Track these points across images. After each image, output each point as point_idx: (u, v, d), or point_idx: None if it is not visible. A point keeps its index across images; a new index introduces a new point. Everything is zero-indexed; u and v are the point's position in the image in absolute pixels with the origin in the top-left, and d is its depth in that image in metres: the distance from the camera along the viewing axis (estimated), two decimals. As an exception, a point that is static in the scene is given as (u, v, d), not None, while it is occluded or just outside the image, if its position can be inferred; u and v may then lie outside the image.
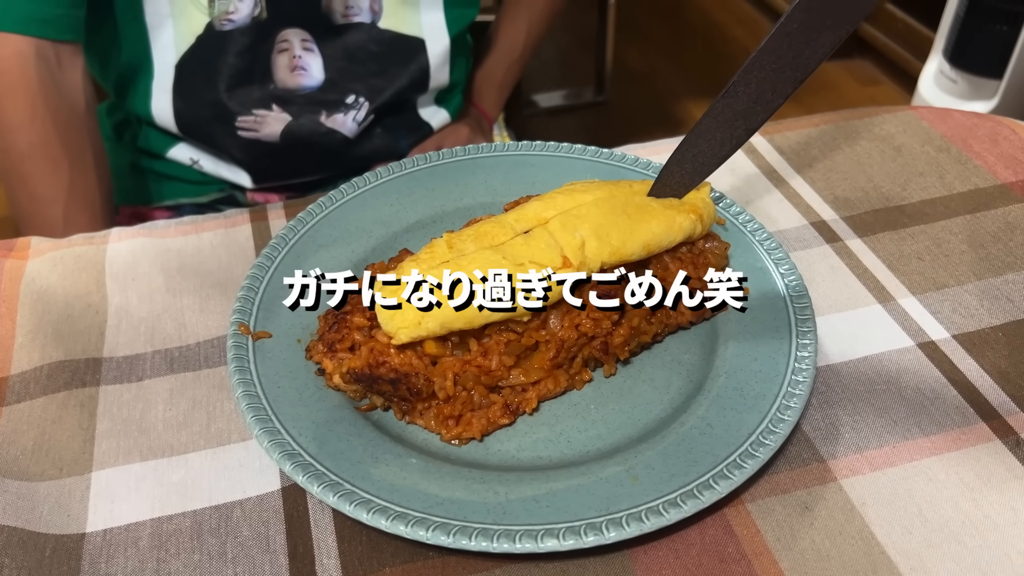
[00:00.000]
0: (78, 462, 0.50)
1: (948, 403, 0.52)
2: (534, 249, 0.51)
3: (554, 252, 0.51)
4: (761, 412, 0.48)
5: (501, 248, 0.51)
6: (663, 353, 0.55)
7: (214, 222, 0.67)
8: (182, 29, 0.89)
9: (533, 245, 0.51)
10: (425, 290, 0.48)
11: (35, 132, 0.80)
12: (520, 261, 0.50)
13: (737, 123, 0.53)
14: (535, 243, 0.51)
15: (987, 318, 0.58)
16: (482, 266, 0.49)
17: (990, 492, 0.47)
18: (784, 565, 0.44)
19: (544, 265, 0.50)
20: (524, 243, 0.51)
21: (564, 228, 0.52)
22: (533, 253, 0.51)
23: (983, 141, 0.73)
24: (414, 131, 1.02)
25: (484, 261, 0.50)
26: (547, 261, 0.50)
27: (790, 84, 0.51)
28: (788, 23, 0.49)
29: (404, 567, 0.45)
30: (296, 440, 0.47)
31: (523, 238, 0.52)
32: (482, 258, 0.50)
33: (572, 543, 0.42)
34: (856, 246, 0.64)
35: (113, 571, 0.45)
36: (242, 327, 0.53)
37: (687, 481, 0.45)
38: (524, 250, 0.51)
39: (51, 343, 0.57)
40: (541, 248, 0.51)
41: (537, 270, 0.50)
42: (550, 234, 0.52)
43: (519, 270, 0.50)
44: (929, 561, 0.44)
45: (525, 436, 0.50)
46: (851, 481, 0.48)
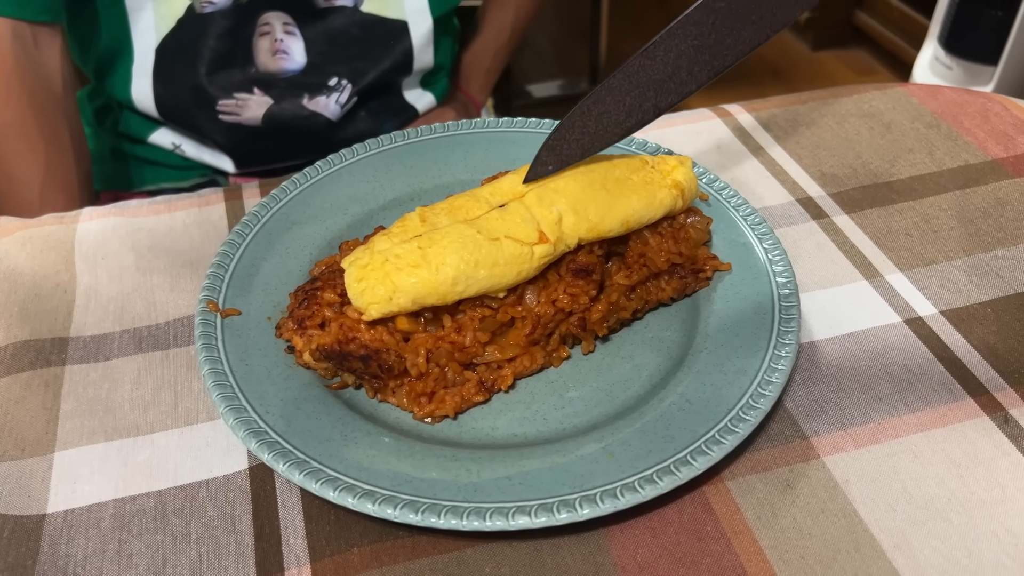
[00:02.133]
0: (41, 442, 0.49)
1: (935, 379, 0.51)
2: (509, 224, 0.50)
3: (530, 227, 0.49)
4: (742, 387, 0.47)
5: (476, 222, 0.50)
6: (643, 330, 0.54)
7: (187, 201, 0.66)
8: (162, 12, 0.87)
9: (508, 220, 0.50)
10: (396, 263, 0.47)
11: (10, 112, 0.78)
12: (495, 236, 0.49)
13: (648, 94, 0.51)
14: (511, 217, 0.50)
15: (976, 294, 0.56)
16: (456, 240, 0.48)
17: (977, 469, 0.46)
18: (764, 543, 0.43)
19: (520, 240, 0.49)
20: (499, 217, 0.50)
21: (540, 202, 0.51)
22: (508, 228, 0.49)
23: (974, 117, 0.72)
24: (399, 114, 1.00)
25: (458, 235, 0.49)
26: (523, 236, 0.49)
27: (706, 71, 0.51)
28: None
29: (373, 547, 0.43)
30: (263, 418, 0.46)
31: (498, 212, 0.51)
32: (456, 232, 0.49)
33: (544, 520, 0.41)
34: (843, 222, 0.62)
35: (73, 552, 0.43)
36: (211, 304, 0.52)
37: (664, 457, 0.43)
38: (499, 224, 0.50)
39: (16, 322, 0.55)
40: (517, 223, 0.50)
41: (513, 245, 0.49)
42: (526, 208, 0.50)
43: (494, 245, 0.48)
44: (914, 539, 0.43)
45: (500, 414, 0.49)
46: (835, 458, 0.47)
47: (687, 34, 0.49)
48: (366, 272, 0.48)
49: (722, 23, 0.49)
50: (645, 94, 0.51)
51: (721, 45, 0.50)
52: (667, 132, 0.72)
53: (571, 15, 2.61)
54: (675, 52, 0.50)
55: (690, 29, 0.49)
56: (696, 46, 0.50)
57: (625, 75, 0.51)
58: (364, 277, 0.47)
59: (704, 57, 0.50)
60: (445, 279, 0.47)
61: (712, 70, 0.51)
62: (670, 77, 0.51)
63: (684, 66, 0.50)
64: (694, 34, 0.49)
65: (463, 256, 0.47)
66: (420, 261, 0.47)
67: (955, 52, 1.78)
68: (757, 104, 0.75)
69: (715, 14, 0.49)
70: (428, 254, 0.48)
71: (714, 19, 0.49)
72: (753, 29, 0.50)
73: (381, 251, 0.48)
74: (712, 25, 0.49)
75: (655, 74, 0.51)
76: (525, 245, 0.49)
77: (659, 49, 0.50)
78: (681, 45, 0.50)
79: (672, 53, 0.50)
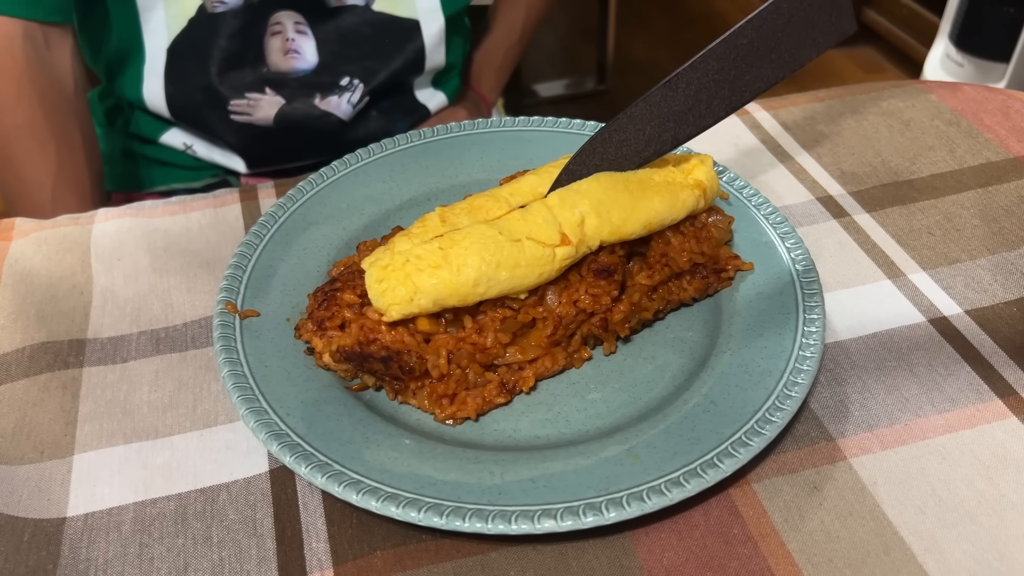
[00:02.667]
0: (59, 445, 0.48)
1: (962, 380, 0.50)
2: (531, 225, 0.49)
3: (552, 229, 0.49)
4: (767, 389, 0.46)
5: (497, 223, 0.49)
6: (665, 330, 0.53)
7: (203, 202, 0.65)
8: (174, 12, 0.87)
9: (530, 221, 0.49)
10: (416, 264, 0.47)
11: (21, 113, 0.78)
12: (516, 237, 0.48)
13: (667, 124, 0.52)
14: (532, 218, 0.49)
15: (1001, 293, 0.56)
16: (477, 241, 0.48)
17: (1007, 470, 0.45)
18: (792, 547, 0.42)
19: (542, 242, 0.48)
20: (521, 218, 0.50)
21: (563, 204, 0.50)
22: (530, 229, 0.49)
23: (994, 115, 0.71)
24: (411, 114, 1.00)
25: (479, 236, 0.48)
26: (545, 238, 0.49)
27: (724, 106, 0.51)
28: (740, 35, 0.50)
29: (396, 550, 0.43)
30: (284, 420, 0.45)
31: (520, 213, 0.50)
32: (477, 233, 0.48)
33: (570, 523, 0.40)
34: (864, 221, 0.62)
35: (94, 556, 0.43)
36: (229, 306, 0.52)
37: (690, 460, 0.43)
38: (521, 226, 0.49)
39: (33, 324, 0.55)
40: (539, 224, 0.49)
41: (535, 247, 0.48)
42: (548, 209, 0.50)
43: (515, 247, 0.48)
44: (944, 542, 0.42)
45: (522, 416, 0.49)
46: (861, 460, 0.46)
47: (709, 68, 0.50)
48: (387, 273, 0.47)
49: (743, 60, 0.50)
50: (665, 124, 0.52)
51: (740, 81, 0.50)
52: (684, 130, 0.71)
53: (578, 14, 2.60)
54: (696, 85, 0.51)
55: (712, 64, 0.50)
56: (717, 80, 0.50)
57: (647, 105, 0.51)
58: (385, 278, 0.47)
59: (723, 92, 0.51)
60: (466, 280, 0.47)
61: (730, 105, 0.51)
62: (690, 110, 0.51)
63: (704, 99, 0.51)
64: (716, 68, 0.50)
65: (484, 257, 0.47)
66: (441, 262, 0.47)
67: (966, 49, 1.77)
68: (775, 103, 0.74)
69: (737, 50, 0.50)
70: (449, 255, 0.47)
71: (736, 55, 0.50)
72: (772, 68, 0.50)
73: (402, 252, 0.48)
74: (733, 61, 0.50)
75: (676, 105, 0.51)
76: (547, 247, 0.48)
77: (681, 81, 0.50)
78: (703, 79, 0.50)
79: (694, 86, 0.51)
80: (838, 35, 0.51)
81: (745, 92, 0.51)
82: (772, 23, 0.49)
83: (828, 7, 0.50)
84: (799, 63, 0.51)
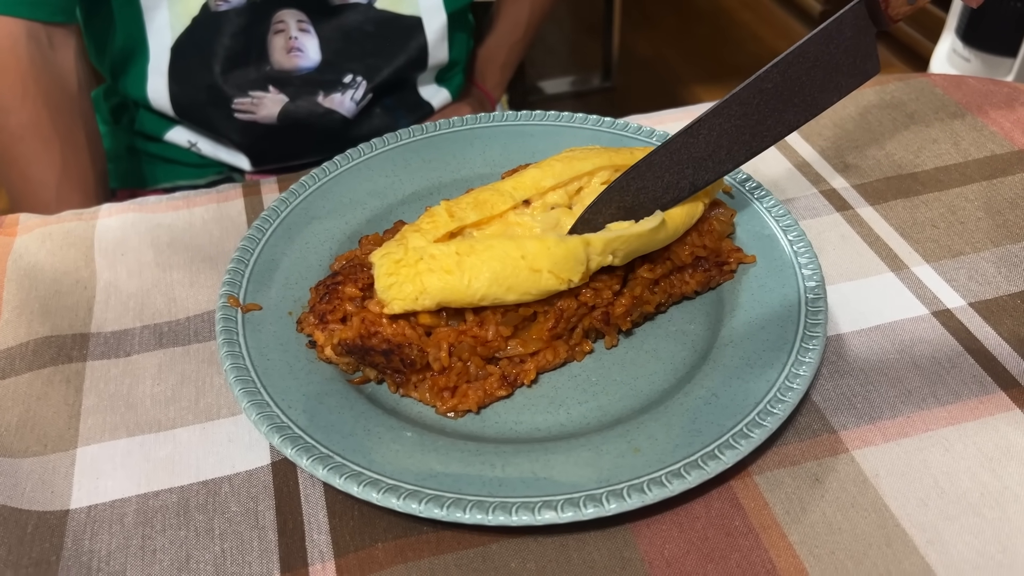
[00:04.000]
0: (63, 438, 0.49)
1: (965, 372, 0.50)
2: (559, 257, 0.48)
3: (579, 267, 0.48)
4: (769, 381, 0.46)
5: (523, 243, 0.47)
6: (667, 323, 0.53)
7: (206, 197, 0.66)
8: (177, 11, 0.87)
9: (560, 254, 0.48)
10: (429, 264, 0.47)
11: (26, 112, 0.78)
12: (538, 267, 0.47)
13: (686, 171, 0.51)
14: (563, 253, 0.48)
15: (1005, 285, 0.55)
16: (496, 258, 0.47)
17: (1010, 463, 0.45)
18: (793, 539, 0.42)
19: (561, 277, 0.48)
20: (552, 247, 0.48)
21: (604, 250, 0.49)
22: (555, 262, 0.48)
23: (999, 107, 0.71)
24: (414, 111, 1.00)
25: (501, 254, 0.47)
26: (566, 274, 0.48)
27: (744, 151, 0.51)
28: (765, 80, 0.49)
29: (397, 542, 0.43)
30: (285, 413, 0.46)
31: (553, 240, 0.48)
32: (500, 250, 0.47)
33: (571, 515, 0.40)
34: (868, 214, 0.62)
35: (97, 548, 0.43)
36: (231, 299, 0.52)
37: (691, 451, 0.43)
38: (546, 256, 0.48)
39: (37, 319, 0.55)
40: (568, 259, 0.48)
41: (552, 280, 0.48)
42: (585, 248, 0.48)
43: (533, 276, 0.47)
44: (946, 534, 0.42)
45: (523, 408, 0.49)
46: (864, 452, 0.46)
47: (732, 113, 0.50)
48: (398, 267, 0.47)
49: (767, 104, 0.49)
50: (683, 171, 0.51)
51: (762, 126, 0.50)
52: (687, 125, 0.71)
53: (583, 11, 2.60)
54: (718, 131, 0.50)
55: (735, 109, 0.49)
56: (739, 126, 0.50)
57: (667, 152, 0.51)
58: (395, 272, 0.47)
59: (744, 137, 0.50)
60: (474, 293, 0.47)
61: (750, 151, 0.51)
62: (710, 156, 0.51)
63: (724, 145, 0.50)
64: (739, 114, 0.50)
65: (498, 279, 0.47)
66: (454, 268, 0.47)
67: (973, 44, 1.76)
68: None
69: (761, 95, 0.49)
70: (464, 263, 0.47)
71: (759, 100, 0.49)
72: (795, 112, 0.50)
73: (416, 248, 0.48)
74: (757, 106, 0.49)
75: (696, 152, 0.50)
76: (563, 281, 0.48)
77: (703, 127, 0.50)
78: (725, 124, 0.50)
79: (715, 132, 0.50)
80: (862, 77, 0.51)
81: (767, 137, 0.50)
82: (798, 67, 0.49)
83: (853, 49, 0.50)
84: (821, 107, 0.51)
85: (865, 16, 0.50)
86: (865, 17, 0.50)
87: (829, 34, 0.49)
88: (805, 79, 0.49)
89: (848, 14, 0.49)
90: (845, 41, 0.49)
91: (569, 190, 0.53)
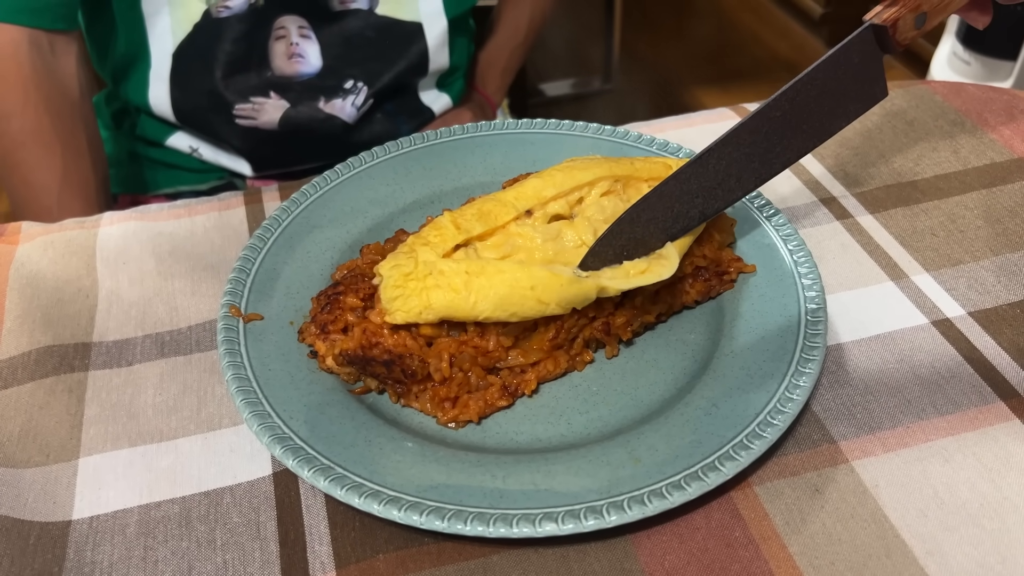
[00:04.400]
0: (65, 448, 0.49)
1: (964, 382, 0.50)
2: (569, 295, 0.48)
3: (584, 302, 0.48)
4: (769, 392, 0.46)
5: (536, 275, 0.47)
6: (667, 333, 0.53)
7: (207, 205, 0.66)
8: (179, 17, 0.87)
9: (575, 292, 0.48)
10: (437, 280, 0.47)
11: (27, 119, 0.79)
12: (547, 301, 0.47)
13: (696, 201, 0.50)
14: (578, 292, 0.48)
15: (1005, 295, 0.55)
16: (506, 285, 0.47)
17: (1010, 473, 0.45)
18: (793, 549, 0.42)
19: (566, 309, 0.48)
20: (567, 284, 0.48)
21: (617, 292, 0.49)
22: (569, 299, 0.48)
23: (999, 115, 0.71)
24: (415, 116, 1.00)
25: (512, 282, 0.47)
26: (575, 304, 0.48)
27: (753, 179, 0.50)
28: (774, 108, 0.49)
29: (398, 553, 0.43)
30: (287, 423, 0.46)
31: (569, 277, 0.48)
32: (511, 276, 0.47)
33: (571, 527, 0.40)
34: (867, 222, 0.62)
35: (99, 559, 0.43)
36: (233, 309, 0.52)
37: (691, 463, 0.43)
38: (558, 291, 0.47)
39: (39, 328, 0.55)
40: (577, 295, 0.48)
41: (557, 310, 0.48)
42: (603, 290, 0.48)
43: (539, 306, 0.47)
44: (946, 545, 0.42)
45: (524, 419, 0.49)
46: (863, 463, 0.46)
47: (741, 142, 0.49)
48: (407, 281, 0.47)
49: (775, 132, 0.49)
50: (693, 200, 0.50)
51: (771, 154, 0.50)
52: (687, 132, 0.72)
53: (584, 14, 2.60)
54: (727, 160, 0.50)
55: (745, 137, 0.49)
56: (748, 154, 0.50)
57: (677, 182, 0.50)
58: (403, 285, 0.47)
59: (754, 165, 0.50)
60: (478, 314, 0.47)
61: (759, 178, 0.51)
62: (719, 184, 0.50)
63: (734, 174, 0.50)
64: (748, 142, 0.49)
65: (503, 304, 0.47)
66: (461, 288, 0.47)
67: (973, 47, 1.76)
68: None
69: (770, 123, 0.49)
70: (472, 284, 0.47)
71: (768, 128, 0.49)
72: (803, 138, 0.50)
73: (426, 263, 0.48)
74: (765, 134, 0.49)
75: (705, 181, 0.50)
76: (567, 310, 0.48)
77: (712, 157, 0.50)
78: (734, 153, 0.49)
79: (724, 161, 0.50)
80: (870, 102, 0.50)
81: (775, 164, 0.50)
82: (806, 94, 0.49)
83: (861, 75, 0.49)
84: (829, 132, 0.50)
85: (872, 41, 0.50)
86: (872, 42, 0.50)
87: (837, 60, 0.49)
88: (813, 106, 0.49)
89: (855, 40, 0.49)
90: (853, 67, 0.49)
91: (570, 200, 0.53)
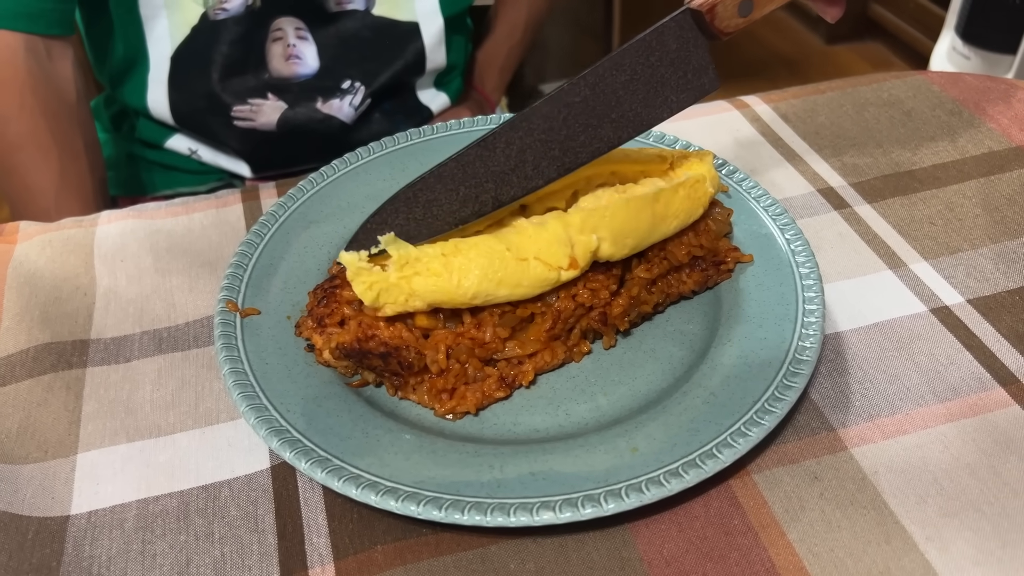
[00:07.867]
0: (63, 444, 0.49)
1: (964, 369, 0.50)
2: (542, 243, 0.48)
3: (563, 250, 0.48)
4: (767, 380, 0.46)
5: (506, 237, 0.48)
6: (664, 323, 0.53)
7: (205, 203, 0.66)
8: (177, 20, 0.88)
9: (542, 238, 0.48)
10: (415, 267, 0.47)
11: (24, 123, 0.79)
12: (524, 256, 0.47)
13: (487, 185, 0.48)
14: (546, 236, 0.48)
15: (1003, 282, 0.55)
16: (482, 254, 0.47)
17: (1009, 458, 0.45)
18: (792, 536, 0.42)
19: (550, 264, 0.48)
20: (534, 234, 0.48)
21: (583, 227, 0.48)
22: (540, 248, 0.48)
23: (996, 104, 0.71)
24: (413, 115, 1.00)
25: (486, 250, 0.47)
26: (553, 260, 0.48)
27: (555, 167, 0.48)
28: (571, 93, 0.46)
29: (396, 544, 0.43)
30: (284, 417, 0.46)
31: (534, 227, 0.48)
32: (484, 246, 0.47)
33: (569, 515, 0.40)
34: (865, 212, 0.62)
35: (97, 553, 0.43)
36: (230, 304, 0.52)
37: (689, 451, 0.43)
38: (531, 243, 0.48)
39: (38, 325, 0.55)
40: (551, 244, 0.48)
41: (540, 268, 0.48)
42: (565, 228, 0.48)
43: (520, 266, 0.47)
44: (946, 531, 0.42)
45: (522, 409, 0.49)
46: (862, 450, 0.46)
47: (533, 128, 0.47)
48: (373, 278, 0.47)
49: (575, 120, 0.47)
50: (483, 185, 0.48)
51: (574, 142, 0.47)
52: (684, 124, 0.71)
53: (583, 13, 2.60)
54: (518, 145, 0.47)
55: (537, 123, 0.47)
56: (544, 140, 0.47)
57: (459, 164, 0.48)
58: (373, 285, 0.47)
59: (553, 152, 0.47)
60: (464, 293, 0.47)
61: (563, 166, 0.48)
62: (512, 170, 0.48)
63: (529, 160, 0.47)
64: (542, 128, 0.47)
65: (487, 273, 0.47)
66: (441, 270, 0.47)
67: (973, 42, 1.76)
68: (775, 95, 0.74)
69: (568, 109, 0.47)
70: (451, 263, 0.47)
71: (567, 114, 0.47)
72: (612, 128, 0.47)
73: (401, 255, 0.47)
74: (564, 120, 0.47)
75: (494, 166, 0.48)
76: (553, 269, 0.48)
77: (499, 141, 0.47)
78: (526, 139, 0.47)
79: (515, 146, 0.47)
80: (698, 93, 0.48)
81: (581, 153, 0.47)
82: (612, 80, 0.46)
83: (681, 63, 0.47)
84: (648, 123, 0.48)
85: (692, 28, 0.47)
86: (692, 28, 0.47)
87: (648, 45, 0.47)
88: (622, 93, 0.47)
89: (670, 24, 0.47)
90: (669, 54, 0.47)
91: (566, 195, 0.53)
